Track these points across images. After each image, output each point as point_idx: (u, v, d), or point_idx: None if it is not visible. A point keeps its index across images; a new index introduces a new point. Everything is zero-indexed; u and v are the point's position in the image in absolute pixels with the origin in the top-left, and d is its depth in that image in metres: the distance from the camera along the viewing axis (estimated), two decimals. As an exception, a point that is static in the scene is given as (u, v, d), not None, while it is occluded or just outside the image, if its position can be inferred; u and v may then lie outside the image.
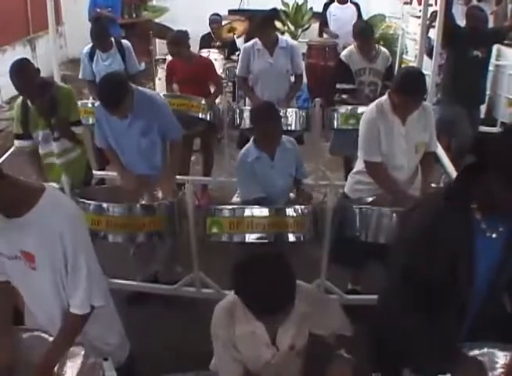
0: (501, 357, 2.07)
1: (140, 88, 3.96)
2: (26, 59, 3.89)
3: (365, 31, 5.23)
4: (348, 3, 7.97)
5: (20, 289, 2.35)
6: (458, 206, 1.83)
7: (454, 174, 4.31)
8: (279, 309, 1.96)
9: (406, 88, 3.39)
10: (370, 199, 3.71)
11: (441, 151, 4.69)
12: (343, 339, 2.31)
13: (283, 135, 3.70)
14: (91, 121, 4.71)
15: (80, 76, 5.52)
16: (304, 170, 3.90)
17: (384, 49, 5.34)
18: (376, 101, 3.67)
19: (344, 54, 5.35)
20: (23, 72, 3.70)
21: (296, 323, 2.22)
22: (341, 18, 7.91)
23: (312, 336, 2.30)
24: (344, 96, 5.22)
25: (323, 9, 8.18)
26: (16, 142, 4.04)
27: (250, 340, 2.21)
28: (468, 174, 1.84)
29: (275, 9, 5.66)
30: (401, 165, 3.59)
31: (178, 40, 5.23)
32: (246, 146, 3.70)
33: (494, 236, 1.87)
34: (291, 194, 3.90)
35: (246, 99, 5.70)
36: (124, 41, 5.52)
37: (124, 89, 3.63)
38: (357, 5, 8.03)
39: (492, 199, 1.74)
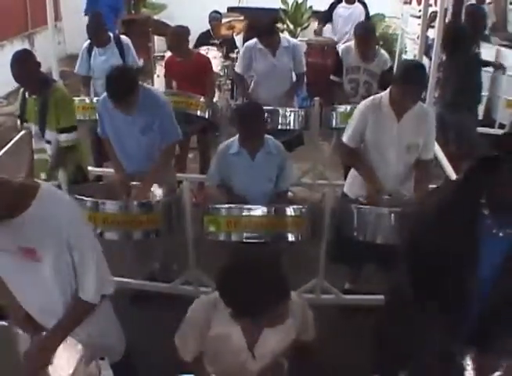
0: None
1: (145, 85, 3.95)
2: (29, 50, 3.89)
3: (365, 32, 5.19)
4: (356, 3, 7.93)
5: (13, 283, 2.30)
6: (467, 198, 1.83)
7: (453, 175, 4.30)
8: (259, 312, 1.91)
9: (406, 77, 3.41)
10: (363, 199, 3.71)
11: (440, 154, 4.68)
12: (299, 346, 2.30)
13: (273, 139, 3.67)
14: (89, 117, 4.72)
15: (75, 70, 5.44)
16: (286, 176, 3.69)
17: (382, 52, 5.26)
18: (377, 94, 3.70)
19: (342, 47, 5.34)
20: (22, 62, 3.70)
21: (280, 338, 2.21)
22: (349, 18, 7.87)
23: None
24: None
25: (330, 7, 8.13)
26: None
27: (224, 342, 2.19)
28: (480, 167, 1.82)
29: (275, 12, 5.65)
30: (389, 160, 3.58)
31: (180, 34, 5.21)
32: (231, 138, 3.69)
33: (501, 234, 1.86)
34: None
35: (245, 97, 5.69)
36: (123, 37, 5.48)
37: (133, 83, 3.62)
38: (364, 5, 7.98)
39: (501, 195, 1.74)
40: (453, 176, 4.26)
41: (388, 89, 3.59)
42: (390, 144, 3.54)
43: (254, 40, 5.20)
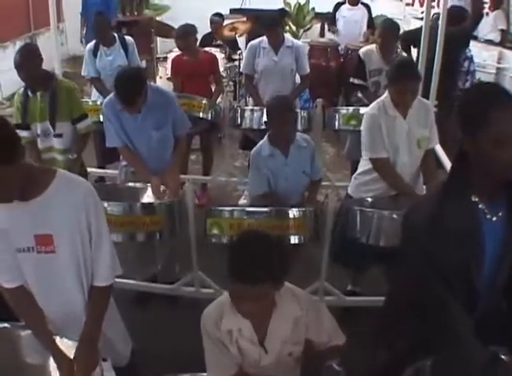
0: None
1: (151, 83, 3.97)
2: (34, 44, 3.89)
3: (392, 30, 5.15)
4: (359, 5, 7.94)
5: (33, 284, 2.28)
6: (457, 192, 1.85)
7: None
8: (244, 278, 1.97)
9: (400, 74, 3.48)
10: (370, 199, 3.71)
11: (439, 149, 4.68)
12: (335, 350, 2.31)
13: (298, 133, 3.73)
14: (92, 119, 4.70)
15: (83, 73, 5.44)
16: (317, 167, 3.80)
17: (404, 54, 5.24)
18: (378, 99, 3.71)
19: (362, 51, 5.26)
20: (28, 52, 3.74)
21: (289, 328, 2.21)
22: (351, 19, 7.89)
23: (307, 343, 2.28)
24: (359, 95, 5.17)
25: (334, 9, 8.15)
26: None
27: (235, 336, 2.20)
28: (459, 160, 1.86)
29: (283, 9, 5.66)
30: (404, 162, 3.61)
31: (188, 32, 5.25)
32: (260, 142, 3.70)
33: (494, 219, 1.87)
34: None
35: (248, 98, 5.69)
36: (128, 37, 5.50)
37: (142, 84, 3.64)
38: (367, 7, 8.00)
39: (481, 183, 1.77)
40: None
41: (386, 92, 3.64)
42: (403, 145, 3.58)
43: (259, 39, 5.22)
